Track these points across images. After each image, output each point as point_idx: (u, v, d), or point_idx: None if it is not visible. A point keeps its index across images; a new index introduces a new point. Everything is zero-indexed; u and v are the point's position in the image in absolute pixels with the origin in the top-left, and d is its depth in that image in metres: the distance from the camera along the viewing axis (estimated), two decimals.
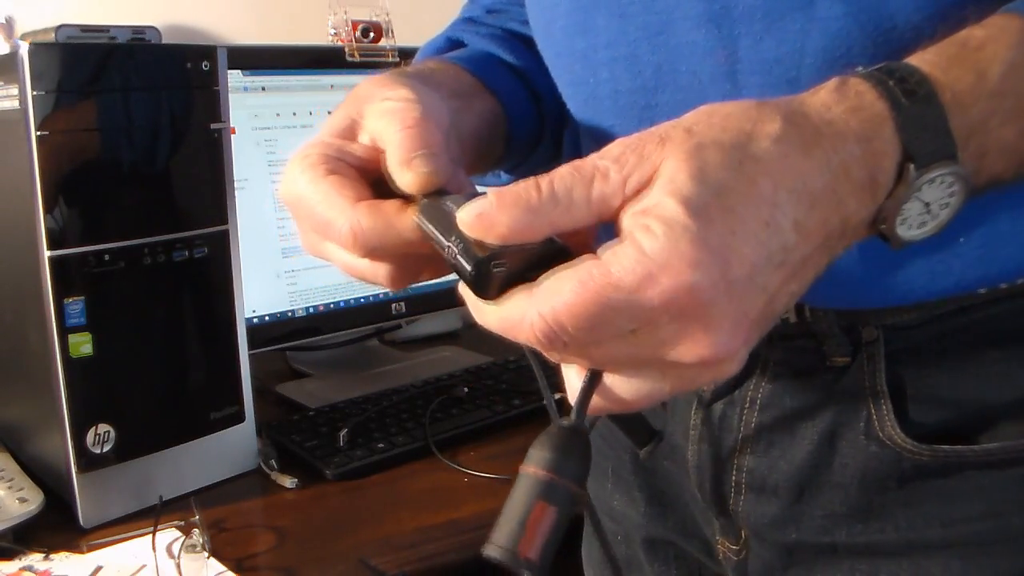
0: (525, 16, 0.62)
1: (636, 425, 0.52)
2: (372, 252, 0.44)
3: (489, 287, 0.37)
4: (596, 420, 0.41)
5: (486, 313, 0.38)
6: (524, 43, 0.63)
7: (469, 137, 0.55)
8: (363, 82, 0.50)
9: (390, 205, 0.43)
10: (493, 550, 0.38)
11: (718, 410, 0.59)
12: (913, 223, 0.40)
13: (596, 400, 0.39)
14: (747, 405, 0.57)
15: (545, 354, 0.38)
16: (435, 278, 0.47)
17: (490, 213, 0.36)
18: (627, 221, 0.36)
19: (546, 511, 0.38)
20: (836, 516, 0.55)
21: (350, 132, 0.48)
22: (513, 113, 0.61)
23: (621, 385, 0.39)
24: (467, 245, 0.37)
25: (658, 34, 0.51)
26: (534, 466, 0.39)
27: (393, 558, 0.81)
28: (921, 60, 0.41)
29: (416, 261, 0.45)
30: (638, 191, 0.36)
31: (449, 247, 0.38)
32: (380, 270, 0.46)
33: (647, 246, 0.34)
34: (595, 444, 0.71)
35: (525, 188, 0.37)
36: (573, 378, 0.40)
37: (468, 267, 0.37)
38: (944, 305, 0.51)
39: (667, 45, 0.50)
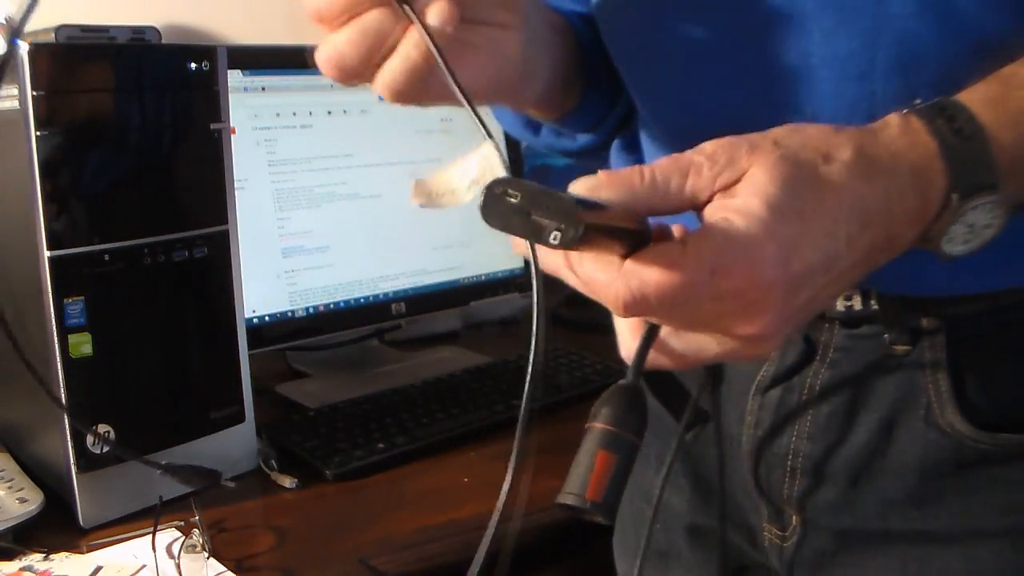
0: None
1: (678, 402, 0.56)
2: None
3: (581, 245, 0.38)
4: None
5: (575, 266, 0.41)
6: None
7: (550, 68, 0.59)
8: None
9: None
10: (564, 497, 0.42)
11: (775, 396, 0.60)
12: (958, 241, 0.44)
13: (652, 355, 0.45)
14: (805, 391, 0.58)
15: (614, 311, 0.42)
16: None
17: (598, 188, 0.40)
18: (711, 213, 0.41)
19: (608, 459, 0.42)
20: (891, 502, 0.56)
21: None
22: (592, 67, 0.63)
23: (677, 342, 0.44)
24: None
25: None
26: (598, 422, 0.43)
27: (393, 558, 0.81)
28: (970, 98, 0.44)
29: None
30: (725, 188, 0.41)
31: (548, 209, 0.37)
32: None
33: (730, 235, 0.39)
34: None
35: (630, 173, 0.41)
36: (627, 338, 0.46)
37: (571, 227, 0.36)
38: (1008, 296, 0.52)
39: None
